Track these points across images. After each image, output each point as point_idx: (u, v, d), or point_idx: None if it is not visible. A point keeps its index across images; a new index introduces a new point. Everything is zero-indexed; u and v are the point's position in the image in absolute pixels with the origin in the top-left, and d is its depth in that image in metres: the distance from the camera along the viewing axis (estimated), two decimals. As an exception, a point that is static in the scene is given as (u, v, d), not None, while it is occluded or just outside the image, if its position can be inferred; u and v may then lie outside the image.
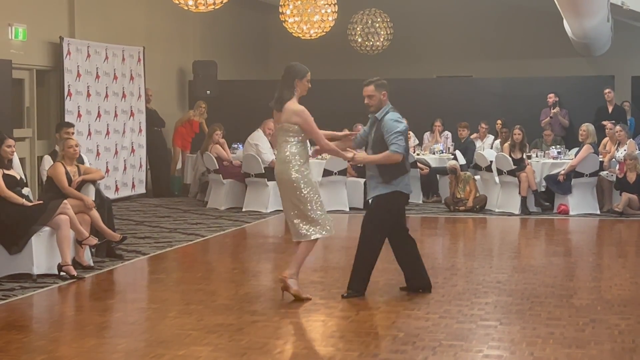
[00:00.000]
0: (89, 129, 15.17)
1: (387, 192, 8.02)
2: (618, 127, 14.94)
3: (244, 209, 14.68)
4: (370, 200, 8.23)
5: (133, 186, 16.50)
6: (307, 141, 8.17)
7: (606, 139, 15.30)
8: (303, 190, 7.82)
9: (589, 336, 6.54)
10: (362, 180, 14.87)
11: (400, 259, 8.26)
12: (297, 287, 7.84)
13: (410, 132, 17.16)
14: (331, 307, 7.62)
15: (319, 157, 14.30)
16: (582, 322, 6.95)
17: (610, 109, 16.93)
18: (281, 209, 14.25)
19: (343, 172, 14.75)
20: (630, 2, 16.95)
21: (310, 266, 9.95)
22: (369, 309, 7.56)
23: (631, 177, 13.87)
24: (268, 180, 14.54)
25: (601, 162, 14.43)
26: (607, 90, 17.15)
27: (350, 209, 14.75)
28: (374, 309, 7.55)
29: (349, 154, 8.20)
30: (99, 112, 15.43)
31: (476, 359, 6.09)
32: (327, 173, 14.62)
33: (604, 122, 15.50)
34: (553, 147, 15.52)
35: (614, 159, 14.60)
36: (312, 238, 7.85)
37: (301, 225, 7.83)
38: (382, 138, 8.00)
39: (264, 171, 14.55)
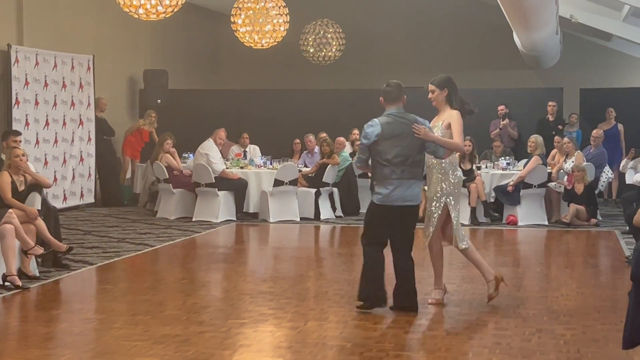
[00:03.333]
0: (37, 138, 15.00)
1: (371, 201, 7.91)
2: (566, 139, 15.11)
3: (194, 219, 14.60)
4: None
5: (82, 195, 16.33)
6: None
7: (555, 150, 15.47)
8: None
9: (535, 346, 6.58)
10: (312, 190, 14.89)
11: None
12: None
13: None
14: (279, 318, 7.58)
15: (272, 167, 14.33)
16: (529, 332, 6.99)
17: (551, 120, 17.21)
18: (232, 218, 14.41)
19: (294, 182, 14.73)
20: (579, 16, 17.17)
21: (259, 276, 9.95)
22: (317, 320, 7.53)
23: (579, 188, 14.03)
24: (218, 190, 14.48)
25: (549, 174, 14.58)
26: (551, 104, 17.38)
27: (300, 218, 14.73)
28: (322, 320, 7.53)
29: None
30: (47, 120, 15.26)
31: (423, 369, 6.10)
32: (277, 183, 14.59)
33: (557, 137, 15.68)
34: (502, 158, 15.66)
35: (562, 170, 14.76)
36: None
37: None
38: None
39: (214, 181, 14.49)
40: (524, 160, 15.16)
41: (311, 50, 19.78)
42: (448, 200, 8.02)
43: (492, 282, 8.04)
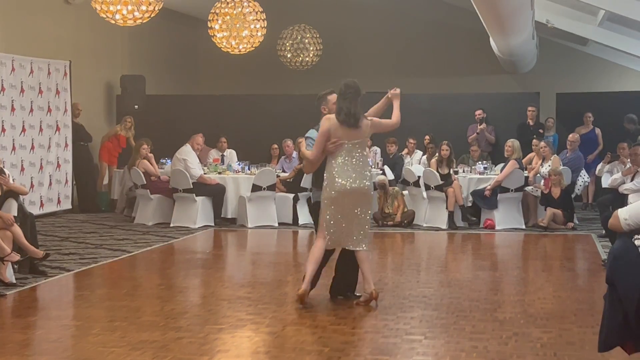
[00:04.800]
0: (14, 144, 14.92)
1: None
2: (542, 143, 15.19)
3: (171, 225, 14.57)
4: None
5: (59, 202, 16.26)
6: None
7: (532, 154, 15.55)
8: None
9: (512, 349, 6.61)
10: (290, 196, 14.90)
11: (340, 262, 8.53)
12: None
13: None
14: (257, 323, 7.58)
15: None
16: (505, 336, 7.02)
17: (531, 125, 17.32)
18: (210, 224, 14.38)
19: (272, 187, 14.73)
20: (555, 21, 17.27)
21: (237, 281, 9.94)
22: (295, 324, 7.54)
23: (556, 192, 14.11)
24: (196, 196, 14.46)
25: (526, 178, 14.65)
26: (531, 109, 17.51)
27: (279, 224, 14.73)
28: (300, 324, 7.53)
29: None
30: (23, 126, 15.18)
31: (401, 374, 6.11)
32: (255, 188, 14.58)
33: (535, 141, 15.76)
34: (479, 162, 15.72)
35: (538, 175, 14.83)
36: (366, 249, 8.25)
37: (363, 236, 8.20)
38: None
39: (192, 186, 14.47)
40: (501, 165, 15.23)
41: (288, 56, 19.79)
42: (324, 204, 8.22)
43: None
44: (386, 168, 16.34)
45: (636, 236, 5.50)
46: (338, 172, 8.15)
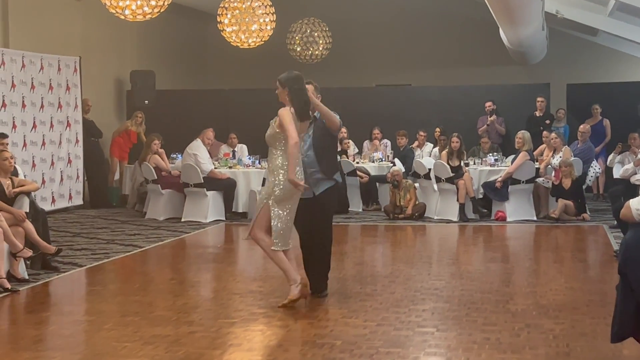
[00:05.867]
0: (25, 140, 14.96)
1: (332, 184, 8.36)
2: (553, 134, 15.16)
3: (183, 219, 14.59)
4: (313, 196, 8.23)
5: (70, 197, 16.30)
6: None
7: (542, 145, 15.51)
8: None
9: (524, 341, 6.61)
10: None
11: (313, 258, 8.39)
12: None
13: (350, 141, 17.24)
14: (269, 317, 7.58)
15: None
16: (518, 327, 7.02)
17: (539, 116, 17.30)
18: (221, 218, 14.40)
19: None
20: (565, 11, 17.21)
21: (248, 275, 9.96)
22: (307, 318, 7.54)
23: (567, 183, 14.07)
24: (207, 190, 14.47)
25: (537, 169, 14.62)
26: (540, 99, 17.47)
27: (290, 218, 14.71)
28: (312, 318, 7.54)
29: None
30: (34, 122, 15.22)
31: (413, 366, 6.11)
32: (266, 182, 14.56)
33: (545, 133, 15.72)
34: (490, 154, 15.69)
35: (549, 166, 14.80)
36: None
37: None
38: (324, 134, 8.31)
39: (202, 181, 14.48)
40: (512, 156, 15.20)
41: (298, 49, 19.78)
42: (270, 202, 7.91)
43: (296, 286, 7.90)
44: (397, 161, 16.33)
45: (648, 227, 5.49)
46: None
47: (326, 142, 8.40)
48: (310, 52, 19.77)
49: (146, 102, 18.62)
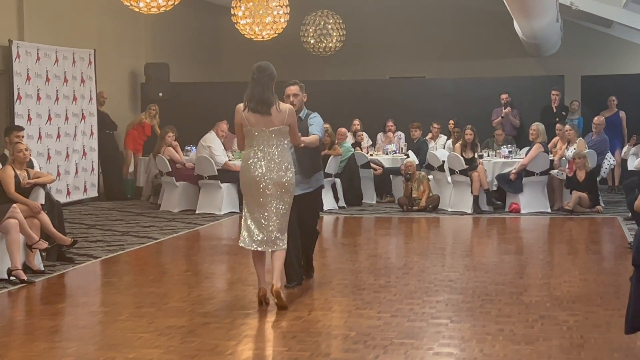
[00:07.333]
0: (40, 133, 15.03)
1: (309, 191, 8.45)
2: (567, 126, 15.12)
3: (197, 211, 14.64)
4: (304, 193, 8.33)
5: (85, 190, 16.37)
6: None
7: (556, 138, 15.49)
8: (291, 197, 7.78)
9: (538, 332, 6.62)
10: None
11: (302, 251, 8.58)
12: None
13: (364, 133, 17.25)
14: (283, 308, 7.60)
15: None
16: (532, 319, 7.02)
17: (554, 108, 17.26)
18: (236, 210, 14.41)
19: (296, 174, 14.72)
20: (579, 3, 17.15)
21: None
22: (321, 309, 7.57)
23: (581, 175, 14.04)
24: (221, 182, 14.51)
25: (551, 161, 14.59)
26: (555, 92, 17.43)
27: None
28: (326, 309, 7.56)
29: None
30: (49, 115, 15.29)
31: (426, 357, 6.12)
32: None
33: (558, 125, 15.69)
34: (504, 146, 15.66)
35: (564, 158, 14.77)
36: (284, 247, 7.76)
37: (280, 235, 7.66)
38: (306, 135, 8.27)
39: (217, 173, 14.52)
40: (526, 148, 15.18)
41: (312, 42, 19.79)
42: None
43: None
44: (410, 153, 16.33)
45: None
46: (253, 162, 7.64)
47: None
48: (324, 44, 19.78)
49: (160, 94, 18.67)
